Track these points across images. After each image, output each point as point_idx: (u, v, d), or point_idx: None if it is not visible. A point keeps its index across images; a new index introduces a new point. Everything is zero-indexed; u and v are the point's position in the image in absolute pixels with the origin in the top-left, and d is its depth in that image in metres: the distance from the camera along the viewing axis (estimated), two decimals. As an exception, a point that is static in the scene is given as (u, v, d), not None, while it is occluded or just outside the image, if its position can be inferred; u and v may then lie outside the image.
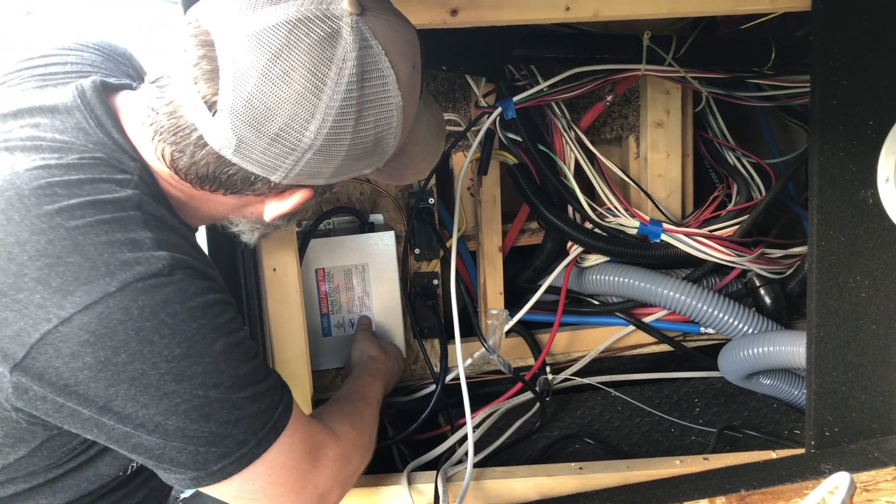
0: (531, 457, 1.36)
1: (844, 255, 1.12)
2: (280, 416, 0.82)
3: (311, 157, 0.78)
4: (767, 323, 1.48)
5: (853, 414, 1.15)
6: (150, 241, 0.75)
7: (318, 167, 0.79)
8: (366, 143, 0.80)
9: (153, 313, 0.72)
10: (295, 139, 0.76)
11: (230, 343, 0.77)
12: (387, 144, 0.82)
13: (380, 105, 0.78)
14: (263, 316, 1.13)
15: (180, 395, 0.74)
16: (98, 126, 0.81)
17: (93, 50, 0.98)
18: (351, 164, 0.81)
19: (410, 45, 0.83)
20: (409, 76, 0.81)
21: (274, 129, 0.75)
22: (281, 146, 0.76)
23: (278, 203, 0.86)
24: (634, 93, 1.57)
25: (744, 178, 1.59)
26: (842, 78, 1.08)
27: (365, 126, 0.78)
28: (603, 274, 1.55)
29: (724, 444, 1.37)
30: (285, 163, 0.78)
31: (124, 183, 0.78)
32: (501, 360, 1.35)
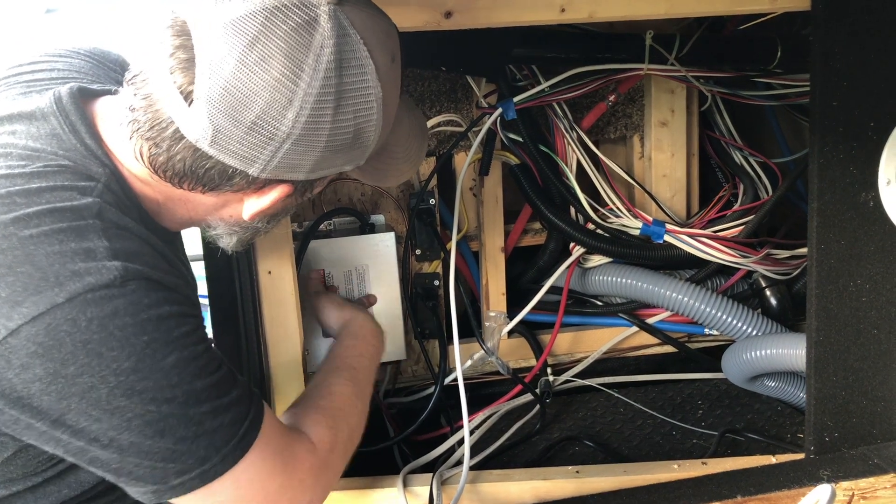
0: (530, 459, 1.36)
1: (845, 258, 1.10)
2: (247, 432, 0.80)
3: (290, 148, 0.77)
4: (772, 325, 1.47)
5: (853, 419, 1.14)
6: (104, 251, 0.74)
7: (298, 159, 0.78)
8: (346, 134, 0.79)
9: (101, 325, 0.71)
10: (272, 127, 0.75)
11: (185, 357, 0.76)
12: (367, 138, 0.81)
13: (359, 95, 0.78)
14: (258, 319, 1.14)
15: (131, 409, 0.73)
16: (72, 132, 0.81)
17: (83, 57, 0.98)
18: (331, 158, 0.80)
19: (389, 37, 0.82)
20: (388, 68, 0.80)
21: (251, 116, 0.74)
22: (258, 135, 0.75)
23: (257, 199, 0.84)
24: (639, 92, 1.56)
25: (750, 178, 1.58)
26: (842, 79, 1.06)
27: (344, 116, 0.77)
28: (606, 275, 1.54)
29: (726, 448, 1.36)
30: (263, 154, 0.77)
31: (87, 190, 0.78)
32: (500, 363, 1.34)
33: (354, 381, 1.07)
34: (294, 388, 1.18)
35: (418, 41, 1.25)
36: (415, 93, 1.47)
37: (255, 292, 1.13)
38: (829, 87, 1.06)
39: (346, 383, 1.05)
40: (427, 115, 1.47)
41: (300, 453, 0.88)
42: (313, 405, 0.99)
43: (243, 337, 1.12)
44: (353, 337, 1.17)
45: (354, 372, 1.09)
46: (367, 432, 1.42)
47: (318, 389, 1.04)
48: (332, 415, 0.98)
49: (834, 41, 1.06)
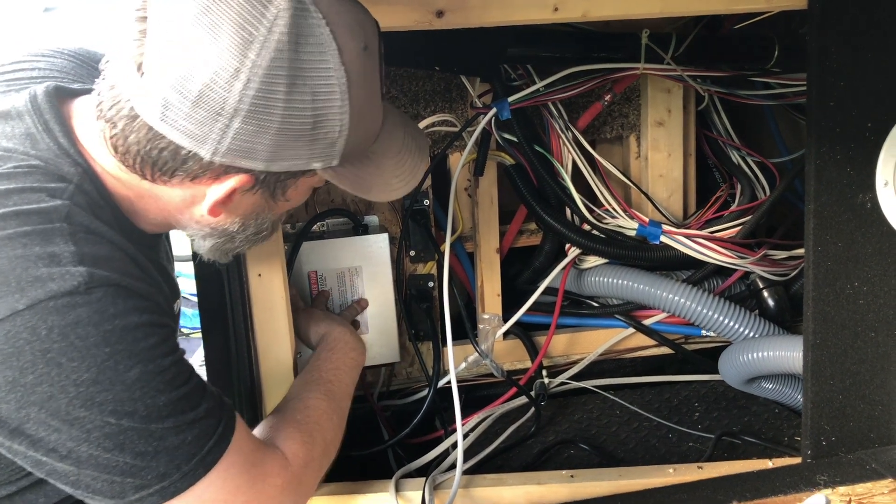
0: (525, 463, 1.35)
1: (842, 260, 1.09)
2: (212, 449, 0.78)
3: (240, 127, 0.73)
4: (769, 326, 1.45)
5: (851, 423, 1.13)
6: (69, 256, 0.72)
7: (250, 140, 0.75)
8: (302, 119, 0.75)
9: (62, 335, 0.70)
10: (219, 99, 0.72)
11: (150, 371, 0.74)
12: (331, 128, 0.77)
13: (317, 77, 0.74)
14: (248, 322, 1.12)
15: (91, 421, 0.71)
16: (45, 131, 0.80)
17: (67, 57, 0.97)
18: (290, 146, 0.76)
19: (361, 26, 0.79)
20: (357, 55, 0.77)
21: (197, 87, 0.71)
22: (205, 109, 0.72)
23: (215, 188, 0.80)
24: (635, 91, 1.54)
25: (748, 178, 1.56)
26: (839, 79, 1.05)
27: (300, 97, 0.74)
28: (602, 276, 1.53)
29: (722, 451, 1.35)
30: (213, 131, 0.74)
31: (57, 192, 0.76)
32: (494, 365, 1.33)
33: (330, 395, 1.05)
34: (285, 391, 1.16)
35: (411, 40, 1.24)
36: (409, 92, 1.45)
37: (244, 295, 1.12)
38: (825, 87, 1.05)
39: (321, 397, 1.04)
40: (421, 114, 1.46)
41: (272, 469, 0.86)
42: (289, 419, 0.97)
43: (233, 340, 1.11)
44: (329, 350, 1.15)
45: (330, 385, 1.07)
46: (361, 435, 1.43)
47: (293, 403, 1.02)
48: (307, 429, 0.96)
49: (831, 40, 1.04)
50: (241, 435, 0.84)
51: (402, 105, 1.46)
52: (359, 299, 1.40)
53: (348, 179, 0.84)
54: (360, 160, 0.84)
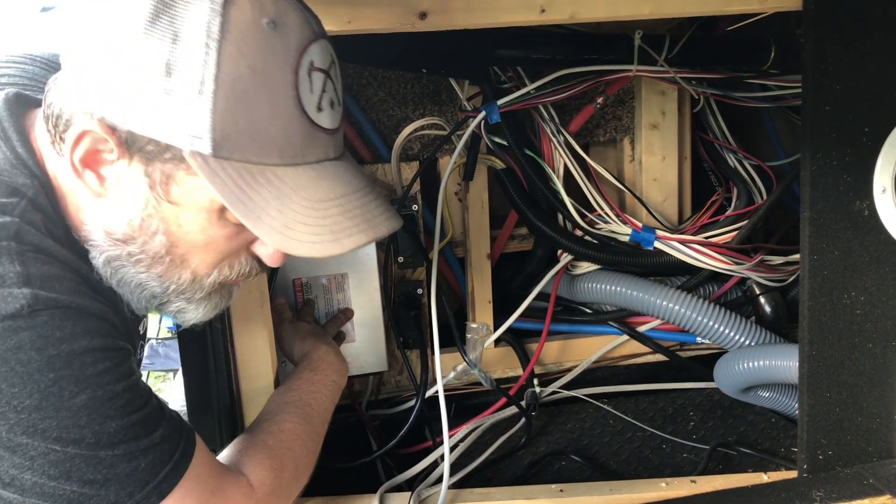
0: (515, 475, 1.32)
1: (838, 269, 1.06)
2: (167, 476, 0.76)
3: (98, 57, 0.69)
4: (766, 334, 1.42)
5: (848, 437, 1.09)
6: (14, 277, 0.69)
7: (105, 79, 0.70)
8: (156, 57, 0.67)
9: (2, 359, 0.67)
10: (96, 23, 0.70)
11: (98, 397, 0.71)
12: (190, 85, 0.67)
13: (186, 17, 0.67)
14: (227, 333, 1.09)
15: (34, 448, 0.69)
16: (3, 139, 0.77)
17: (39, 64, 0.94)
18: (133, 91, 0.68)
19: (276, 7, 0.71)
20: (251, 21, 0.68)
21: None
22: None
23: (71, 130, 0.73)
24: (628, 93, 1.51)
25: (744, 182, 1.53)
26: (835, 82, 1.01)
27: (158, 34, 0.67)
28: (594, 282, 1.50)
29: (717, 463, 1.31)
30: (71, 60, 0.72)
31: (8, 208, 0.73)
32: (483, 375, 1.30)
33: (307, 419, 1.01)
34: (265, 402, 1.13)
35: (397, 42, 1.22)
36: (398, 94, 1.43)
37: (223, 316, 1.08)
38: (821, 91, 1.02)
39: (297, 421, 0.99)
40: (410, 117, 1.43)
41: (234, 497, 0.83)
42: (259, 443, 0.93)
43: (210, 351, 1.08)
44: (312, 370, 1.10)
45: (309, 409, 1.02)
46: (348, 446, 1.40)
47: (266, 425, 0.97)
48: (277, 455, 0.92)
49: (826, 43, 1.01)
50: (201, 461, 0.80)
51: (389, 108, 1.43)
52: (344, 309, 1.36)
53: (225, 186, 0.70)
54: (250, 173, 0.71)
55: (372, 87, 1.42)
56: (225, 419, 1.11)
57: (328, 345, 1.18)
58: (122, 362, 0.74)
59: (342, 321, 1.35)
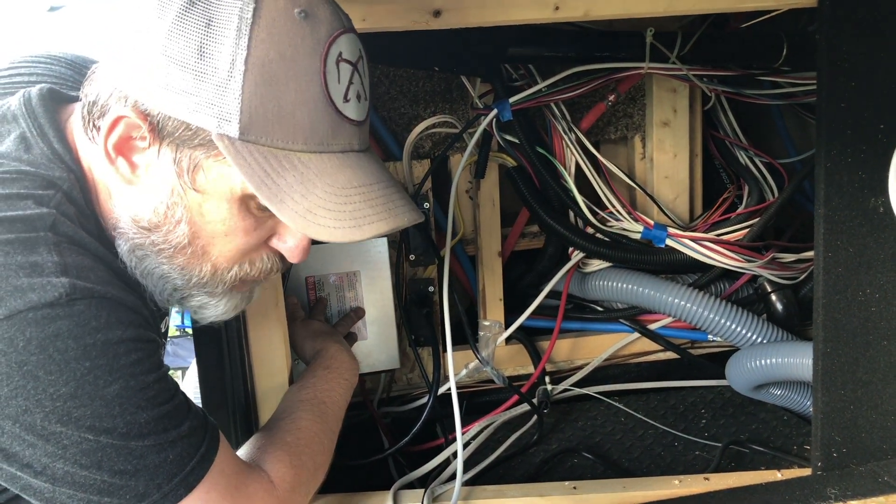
0: (527, 472, 1.32)
1: (853, 266, 1.06)
2: (194, 469, 0.76)
3: (139, 39, 0.71)
4: (777, 332, 1.42)
5: (862, 434, 1.09)
6: (52, 266, 0.70)
7: (130, 62, 0.72)
8: (189, 42, 0.69)
9: (41, 347, 0.67)
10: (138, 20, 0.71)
11: (131, 387, 0.71)
12: (221, 68, 0.69)
13: (221, 4, 0.69)
14: (242, 330, 1.09)
15: (68, 437, 0.69)
16: (39, 135, 0.78)
17: (64, 64, 0.95)
18: (166, 75, 0.70)
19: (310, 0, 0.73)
20: (282, 10, 0.70)
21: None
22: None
23: (106, 118, 0.75)
24: (640, 91, 1.51)
25: (755, 179, 1.53)
26: (850, 78, 1.01)
27: (192, 19, 0.69)
28: (606, 280, 1.50)
29: (730, 460, 1.31)
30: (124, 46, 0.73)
31: (44, 200, 0.74)
32: (495, 373, 1.30)
33: (323, 416, 1.02)
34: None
35: (409, 39, 1.22)
36: (409, 93, 1.43)
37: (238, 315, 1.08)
38: (836, 87, 1.01)
39: (313, 419, 1.00)
40: (421, 115, 1.43)
41: (256, 493, 0.83)
42: (278, 440, 0.94)
43: (225, 348, 1.08)
44: (325, 368, 1.11)
45: (324, 407, 1.03)
46: (361, 443, 1.40)
47: (284, 423, 0.98)
48: (296, 452, 0.93)
49: (841, 38, 1.01)
50: (225, 456, 0.81)
51: (401, 105, 1.43)
52: (355, 308, 1.36)
53: (251, 169, 0.71)
54: (275, 157, 0.72)
55: (383, 85, 1.42)
56: (240, 416, 1.11)
57: (339, 343, 1.19)
58: (152, 353, 0.75)
59: (353, 320, 1.35)
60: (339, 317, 1.38)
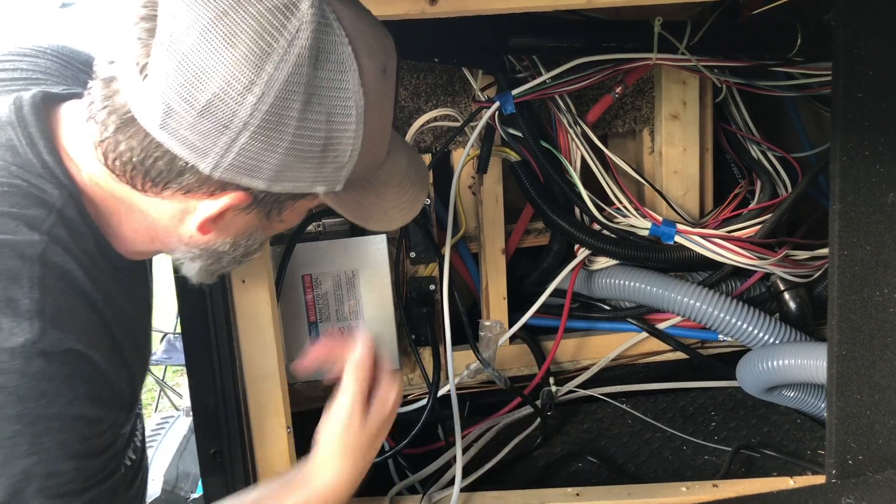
0: (530, 477, 1.28)
1: (870, 265, 1.01)
2: None
3: (247, 143, 0.68)
4: (790, 332, 1.38)
5: (879, 441, 1.04)
6: (28, 305, 0.67)
7: (256, 158, 0.69)
8: (313, 140, 0.70)
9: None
10: (229, 112, 0.66)
11: (37, 470, 0.67)
12: (342, 152, 0.72)
13: (335, 96, 0.70)
14: (232, 332, 1.06)
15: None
16: (29, 146, 0.74)
17: (50, 57, 0.91)
18: (297, 167, 0.71)
19: (382, 48, 0.74)
20: (376, 78, 0.72)
21: (206, 96, 0.66)
22: (212, 120, 0.67)
23: (208, 203, 0.74)
24: (648, 83, 1.47)
25: (768, 174, 1.49)
26: (867, 67, 0.96)
27: (314, 116, 0.69)
28: (612, 278, 1.46)
29: (740, 466, 1.27)
30: (217, 144, 0.68)
31: (37, 223, 0.71)
32: (497, 374, 1.26)
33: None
34: (272, 403, 1.10)
35: (409, 30, 1.17)
36: (410, 85, 1.39)
37: (227, 303, 1.05)
38: (853, 76, 0.97)
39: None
40: (423, 109, 1.39)
41: None
42: None
43: (215, 351, 1.05)
44: (312, 490, 0.85)
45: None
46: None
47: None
48: None
49: (858, 26, 0.96)
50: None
51: (401, 99, 1.39)
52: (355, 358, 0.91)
53: (349, 206, 0.79)
54: (363, 187, 0.79)
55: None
56: (230, 421, 1.07)
57: (348, 475, 0.87)
58: (86, 437, 0.71)
59: None
60: (337, 317, 1.34)
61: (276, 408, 1.10)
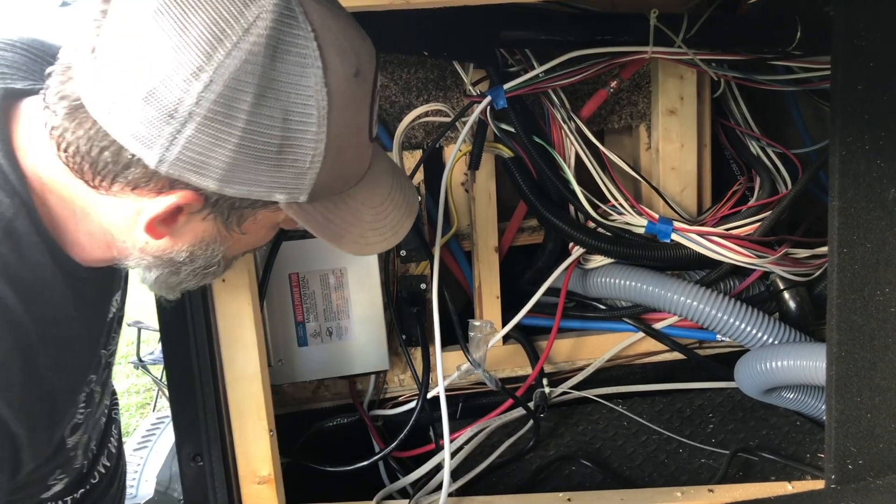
0: (521, 481, 1.25)
1: (870, 263, 0.98)
2: None
3: (194, 135, 0.64)
4: (790, 332, 1.35)
5: (880, 445, 1.01)
6: None
7: (204, 153, 0.65)
8: (267, 139, 0.65)
9: None
10: (174, 99, 0.62)
11: None
12: (300, 157, 0.67)
13: (293, 93, 0.65)
14: (211, 333, 1.03)
15: None
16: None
17: (19, 50, 0.87)
18: (249, 167, 0.66)
19: (356, 50, 0.70)
20: (345, 80, 0.68)
21: (152, 81, 0.62)
22: (157, 108, 0.63)
23: (153, 201, 0.69)
24: (645, 78, 1.43)
25: (767, 170, 1.45)
26: (868, 59, 0.93)
27: (268, 112, 0.65)
28: (608, 276, 1.43)
29: (737, 470, 1.24)
30: (162, 135, 0.64)
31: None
32: (487, 376, 1.23)
33: None
34: (253, 406, 1.07)
35: (397, 23, 1.14)
36: (400, 80, 1.36)
37: (207, 303, 1.02)
38: (853, 68, 0.94)
39: None
40: (413, 104, 1.36)
41: None
42: None
43: (194, 353, 1.02)
44: None
45: None
46: (350, 447, 1.34)
47: None
48: None
49: (858, 16, 0.93)
50: None
51: (392, 94, 1.36)
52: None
53: (317, 222, 0.74)
54: (334, 203, 0.74)
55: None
56: (210, 423, 1.04)
57: None
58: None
59: None
60: (325, 316, 1.31)
61: (258, 410, 1.07)
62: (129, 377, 4.19)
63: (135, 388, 4.12)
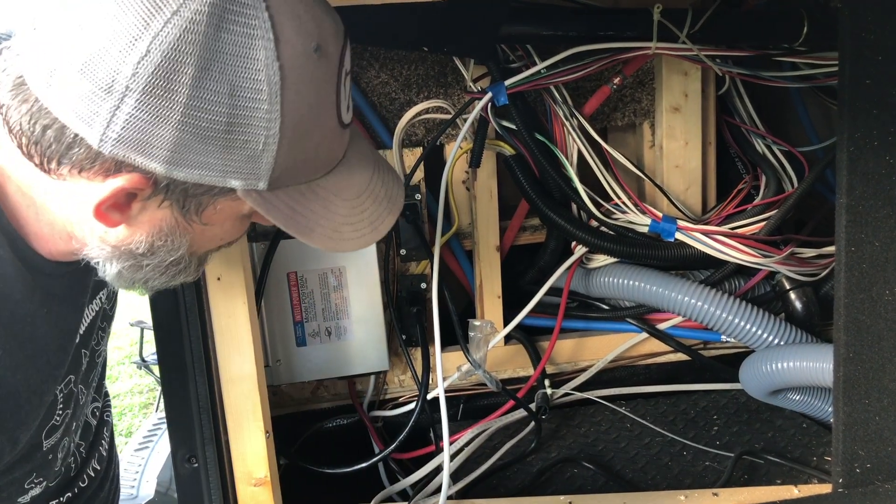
0: (522, 483, 1.23)
1: (879, 262, 0.96)
2: None
3: (133, 111, 0.60)
4: (796, 332, 1.33)
5: (889, 448, 0.99)
6: None
7: (145, 131, 0.61)
8: (214, 114, 0.62)
9: None
10: (110, 72, 0.59)
11: None
12: (252, 138, 0.64)
13: (240, 66, 0.61)
14: (206, 331, 1.01)
15: None
16: None
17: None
18: (195, 147, 0.63)
19: (318, 23, 0.66)
20: (302, 55, 0.64)
21: (87, 52, 0.59)
22: (93, 81, 0.60)
23: (102, 185, 0.65)
24: (648, 74, 1.41)
25: (773, 169, 1.44)
26: (876, 52, 0.92)
27: (212, 86, 0.61)
28: (611, 276, 1.41)
29: (742, 473, 1.22)
30: (101, 111, 0.60)
31: None
32: (488, 377, 1.21)
33: None
34: (249, 406, 1.05)
35: (394, 17, 1.13)
36: (400, 77, 1.34)
37: (201, 301, 1.00)
38: (860, 63, 0.92)
39: None
40: (414, 101, 1.34)
41: None
42: None
43: (188, 352, 1.00)
44: None
45: None
46: (350, 449, 1.32)
47: None
48: None
49: (866, 10, 0.91)
50: None
51: (392, 91, 1.34)
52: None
53: (280, 212, 0.69)
54: (300, 192, 0.70)
55: (373, 69, 1.33)
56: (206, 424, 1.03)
57: None
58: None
59: None
60: (324, 316, 1.30)
61: (254, 411, 1.05)
62: (132, 377, 4.19)
63: (138, 389, 4.12)
